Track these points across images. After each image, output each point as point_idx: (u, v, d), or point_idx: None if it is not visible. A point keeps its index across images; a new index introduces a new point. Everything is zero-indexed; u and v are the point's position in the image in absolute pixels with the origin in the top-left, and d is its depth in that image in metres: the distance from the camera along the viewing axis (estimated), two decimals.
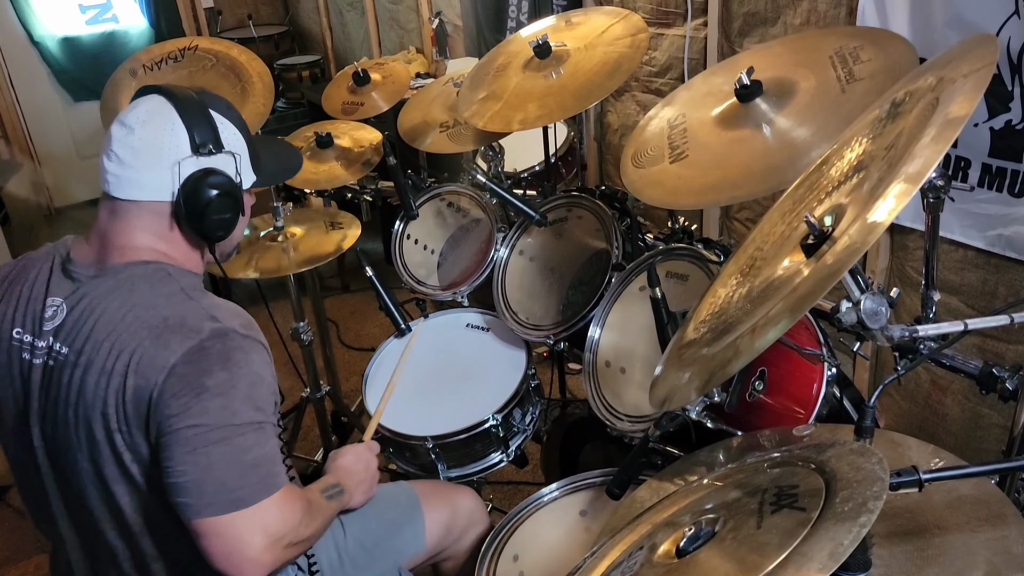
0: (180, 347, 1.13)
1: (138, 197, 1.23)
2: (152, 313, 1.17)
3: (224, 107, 1.30)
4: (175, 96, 1.25)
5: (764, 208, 2.30)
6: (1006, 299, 1.77)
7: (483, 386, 1.86)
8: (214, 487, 1.10)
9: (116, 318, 1.17)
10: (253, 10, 5.75)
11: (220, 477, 1.10)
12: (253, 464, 1.13)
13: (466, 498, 1.67)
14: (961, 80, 0.89)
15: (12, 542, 2.53)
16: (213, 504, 1.10)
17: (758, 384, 1.34)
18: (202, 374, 1.12)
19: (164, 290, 1.21)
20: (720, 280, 1.17)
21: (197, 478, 1.10)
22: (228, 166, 1.27)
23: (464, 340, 2.04)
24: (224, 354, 1.14)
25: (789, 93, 1.37)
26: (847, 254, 0.82)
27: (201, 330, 1.15)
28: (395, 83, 2.62)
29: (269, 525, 1.13)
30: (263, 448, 1.15)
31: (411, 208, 2.23)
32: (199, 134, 1.23)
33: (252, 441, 1.13)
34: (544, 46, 1.90)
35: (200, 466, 1.10)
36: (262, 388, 1.17)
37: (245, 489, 1.11)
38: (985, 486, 0.99)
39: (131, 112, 1.24)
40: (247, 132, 1.33)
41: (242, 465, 1.12)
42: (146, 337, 1.14)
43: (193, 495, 1.10)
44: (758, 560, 0.75)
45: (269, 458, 1.16)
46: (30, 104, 4.99)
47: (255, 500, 1.12)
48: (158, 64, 2.30)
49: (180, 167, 1.21)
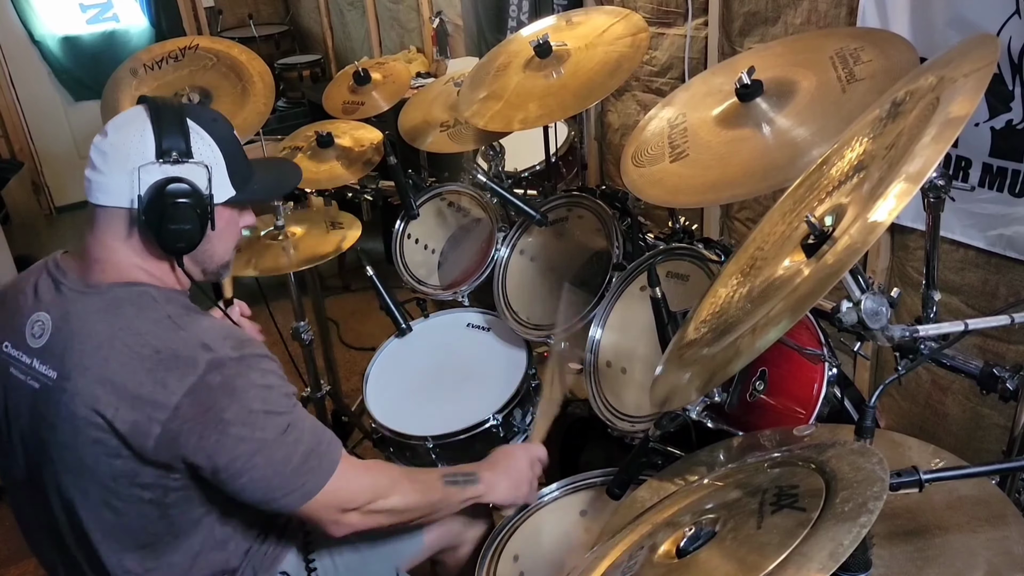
0: (179, 386, 1.14)
1: (105, 202, 1.22)
2: (140, 342, 1.16)
3: (208, 119, 1.27)
4: (155, 104, 1.23)
5: (764, 208, 2.30)
6: (1007, 299, 1.77)
7: (483, 386, 1.86)
8: (282, 492, 1.19)
9: (103, 344, 1.16)
10: (254, 9, 5.76)
11: (281, 484, 1.19)
12: (301, 462, 1.20)
13: None
14: (962, 80, 0.89)
15: (12, 542, 2.53)
16: (291, 500, 1.21)
17: (758, 384, 1.34)
18: (216, 411, 1.14)
19: (151, 315, 1.19)
20: (721, 280, 1.16)
21: (265, 492, 1.19)
22: (198, 177, 1.22)
23: (464, 340, 2.04)
24: (227, 385, 1.16)
25: (790, 93, 1.37)
26: (848, 254, 0.82)
27: (196, 363, 1.15)
28: (395, 83, 2.62)
29: (343, 501, 1.25)
30: (301, 441, 1.21)
31: (412, 208, 2.23)
32: (168, 141, 1.20)
33: (290, 442, 1.19)
34: (545, 46, 1.90)
35: (260, 484, 1.18)
36: (274, 394, 1.21)
37: (307, 484, 1.21)
38: (985, 486, 0.99)
39: (112, 119, 1.24)
40: (231, 146, 1.29)
41: (293, 469, 1.19)
42: (139, 370, 1.14)
43: (268, 503, 1.21)
44: (758, 560, 0.75)
45: (312, 445, 1.22)
46: (30, 103, 5.00)
47: (319, 487, 1.21)
48: (158, 63, 2.30)
49: (140, 172, 1.19)
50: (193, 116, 1.25)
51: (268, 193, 1.48)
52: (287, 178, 1.49)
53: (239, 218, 1.34)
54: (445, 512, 1.43)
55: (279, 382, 1.23)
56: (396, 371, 1.98)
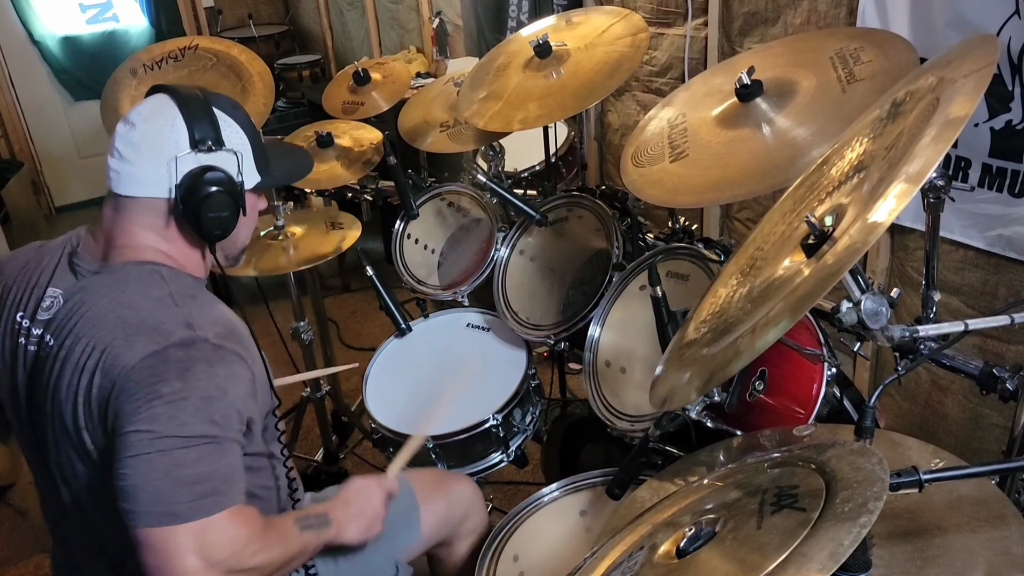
0: (143, 349, 1.11)
1: (137, 193, 1.22)
2: (132, 313, 1.16)
3: (229, 106, 1.29)
4: (179, 93, 1.25)
5: (765, 208, 2.30)
6: (1006, 299, 1.77)
7: (483, 386, 1.86)
8: (149, 497, 1.06)
9: (100, 315, 1.16)
10: (253, 9, 5.75)
11: (157, 487, 1.07)
12: (193, 480, 1.08)
13: (463, 486, 1.66)
14: (961, 80, 0.89)
15: (12, 542, 2.53)
16: (147, 514, 1.07)
17: (758, 384, 1.34)
18: (158, 380, 1.09)
19: (153, 292, 1.20)
20: (720, 280, 1.17)
21: (135, 484, 1.07)
22: (229, 164, 1.25)
23: (464, 340, 2.04)
24: (184, 363, 1.11)
25: (789, 93, 1.37)
26: (847, 254, 0.82)
27: (170, 335, 1.12)
28: (395, 83, 2.62)
29: (206, 546, 1.07)
30: (209, 465, 1.10)
31: (411, 208, 2.23)
32: (199, 130, 1.22)
33: (196, 456, 1.09)
34: (544, 46, 1.90)
35: (140, 473, 1.07)
36: (221, 402, 1.12)
37: (180, 504, 1.07)
38: (985, 487, 0.99)
39: (136, 109, 1.25)
40: (253, 132, 1.32)
41: (180, 479, 1.07)
42: (118, 336, 1.13)
43: (131, 501, 1.07)
44: (758, 560, 0.75)
45: (216, 475, 1.10)
46: (30, 103, 4.99)
47: (191, 517, 1.07)
48: (158, 63, 2.30)
49: (177, 163, 1.20)
50: (216, 103, 1.27)
51: (288, 177, 1.52)
52: (302, 162, 1.51)
53: (258, 203, 1.37)
54: (300, 562, 1.27)
55: (240, 395, 1.16)
56: (396, 371, 1.98)
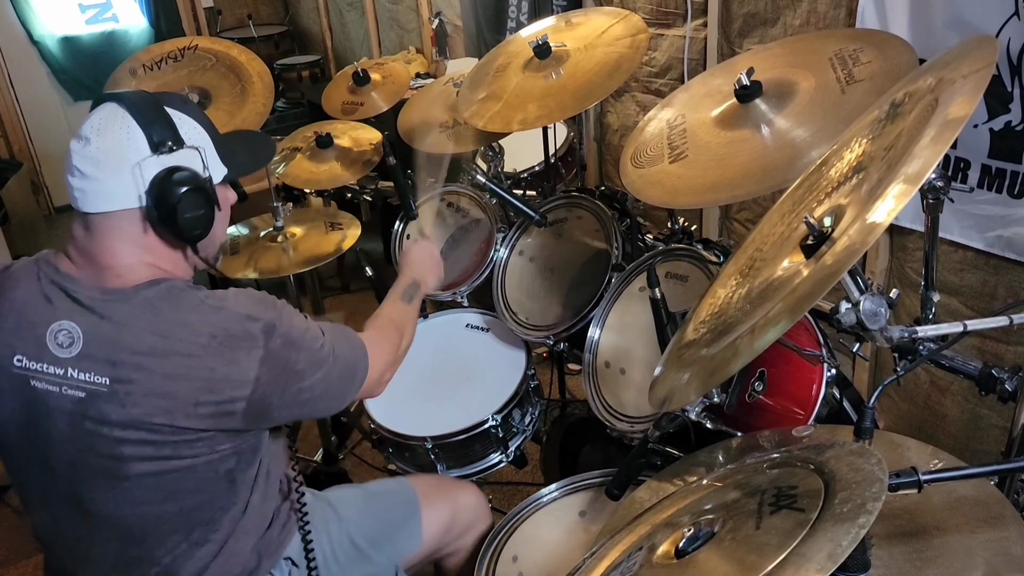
0: (250, 360, 1.20)
1: (107, 208, 1.18)
2: (193, 332, 1.18)
3: (179, 102, 1.26)
4: (126, 99, 1.21)
5: (764, 209, 2.30)
6: (1005, 300, 1.77)
7: (483, 386, 1.86)
8: (352, 387, 1.36)
9: (156, 342, 1.15)
10: (253, 10, 5.76)
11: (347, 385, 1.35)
12: (353, 360, 1.36)
13: (468, 495, 1.66)
14: (960, 81, 0.89)
15: (11, 542, 2.53)
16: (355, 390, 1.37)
17: (757, 385, 1.34)
18: (290, 366, 1.24)
19: (188, 305, 1.20)
20: (720, 281, 1.17)
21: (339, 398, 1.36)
22: (193, 161, 1.22)
23: (464, 340, 2.04)
24: (287, 342, 1.24)
25: (789, 94, 1.37)
26: (846, 255, 0.82)
27: (254, 336, 1.21)
28: (395, 83, 2.62)
29: (382, 369, 1.44)
30: (342, 344, 1.34)
31: (411, 208, 2.23)
32: (156, 133, 1.18)
33: (341, 353, 1.33)
34: (544, 46, 1.90)
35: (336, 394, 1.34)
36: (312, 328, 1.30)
37: (359, 372, 1.37)
38: (984, 487, 0.99)
39: (86, 124, 1.20)
40: (210, 125, 1.29)
41: (351, 369, 1.35)
42: (204, 357, 1.17)
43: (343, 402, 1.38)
44: (757, 561, 0.75)
45: (346, 342, 1.36)
46: (30, 104, 4.99)
47: (367, 372, 1.38)
48: (158, 64, 2.30)
49: (141, 168, 1.17)
50: (168, 104, 1.24)
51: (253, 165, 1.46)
52: (264, 146, 1.48)
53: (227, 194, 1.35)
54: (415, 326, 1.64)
55: (301, 315, 1.33)
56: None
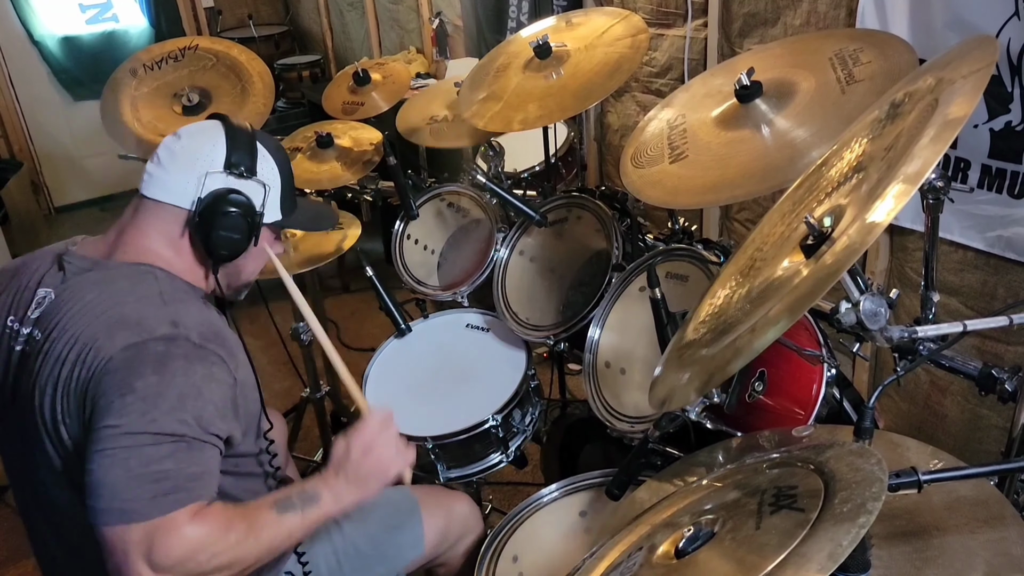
0: (123, 341, 1.11)
1: (162, 198, 1.27)
2: (115, 309, 1.16)
3: (273, 146, 1.36)
4: (231, 123, 1.32)
5: (764, 209, 2.30)
6: (1005, 300, 1.77)
7: (483, 386, 1.86)
8: (109, 492, 1.05)
9: (86, 309, 1.17)
10: (253, 10, 5.75)
11: (115, 483, 1.05)
12: (156, 478, 1.06)
13: (461, 504, 1.67)
14: (960, 81, 0.89)
15: (11, 542, 2.53)
16: (106, 511, 1.05)
17: (757, 385, 1.34)
18: (133, 374, 1.09)
19: (141, 290, 1.21)
20: (720, 281, 1.17)
21: (98, 479, 1.05)
22: (255, 194, 1.31)
23: (464, 340, 2.04)
24: (162, 358, 1.10)
25: (789, 94, 1.37)
26: (846, 254, 0.82)
27: (152, 330, 1.12)
28: (395, 83, 2.63)
29: (156, 548, 1.04)
30: (177, 463, 1.08)
31: (411, 208, 2.23)
32: (237, 156, 1.29)
33: (163, 453, 1.07)
34: (544, 46, 1.90)
35: (103, 467, 1.05)
36: (196, 402, 1.11)
37: (136, 501, 1.05)
38: (984, 487, 0.99)
39: (188, 126, 1.32)
40: (288, 174, 1.38)
41: (142, 476, 1.05)
42: (100, 329, 1.14)
43: (93, 497, 1.05)
44: (757, 561, 0.75)
45: (183, 474, 1.08)
46: (30, 104, 4.99)
47: (147, 516, 1.04)
48: (158, 64, 2.31)
49: (207, 178, 1.26)
50: (261, 140, 1.35)
51: (307, 225, 1.60)
52: (325, 219, 1.61)
53: (273, 243, 1.42)
54: (291, 546, 1.23)
55: (216, 398, 1.14)
56: (395, 372, 1.98)
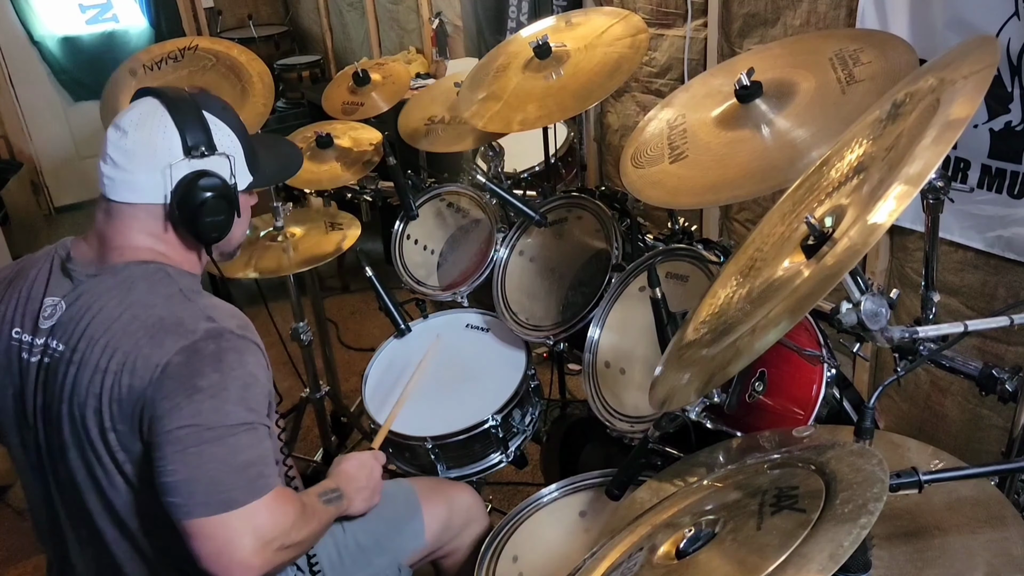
0: (174, 346, 1.13)
1: (132, 200, 1.23)
2: (149, 312, 1.17)
3: (219, 108, 1.30)
4: (168, 98, 1.25)
5: (764, 209, 2.30)
6: (1006, 300, 1.77)
7: (483, 387, 1.86)
8: (205, 487, 1.09)
9: (113, 316, 1.17)
10: (253, 10, 5.76)
11: (212, 477, 1.10)
12: (245, 465, 1.12)
13: (463, 494, 1.67)
14: (961, 81, 0.89)
15: (11, 542, 2.53)
16: (204, 504, 1.09)
17: (758, 385, 1.34)
18: (194, 375, 1.12)
19: (163, 290, 1.21)
20: (720, 281, 1.16)
21: (188, 477, 1.09)
22: (222, 168, 1.27)
23: (464, 341, 2.04)
24: (217, 355, 1.14)
25: (789, 94, 1.37)
26: (847, 255, 0.82)
27: (196, 330, 1.15)
28: (395, 83, 2.62)
29: (260, 527, 1.12)
30: (255, 449, 1.14)
31: (411, 208, 2.23)
32: (191, 136, 1.23)
33: (244, 442, 1.13)
34: (544, 47, 1.90)
35: (191, 466, 1.10)
36: (256, 389, 1.17)
37: (236, 490, 1.11)
38: (985, 488, 0.99)
39: (125, 115, 1.25)
40: (243, 132, 1.33)
41: (234, 466, 1.11)
42: (142, 336, 1.15)
43: (184, 495, 1.09)
44: (758, 561, 0.75)
45: (261, 459, 1.15)
46: (30, 104, 4.99)
47: (246, 501, 1.11)
48: (158, 64, 2.30)
49: (172, 170, 1.22)
50: (206, 107, 1.28)
51: (280, 175, 1.55)
52: (292, 157, 1.53)
53: (249, 198, 1.39)
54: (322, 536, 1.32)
55: (265, 382, 1.20)
56: (395, 372, 1.98)
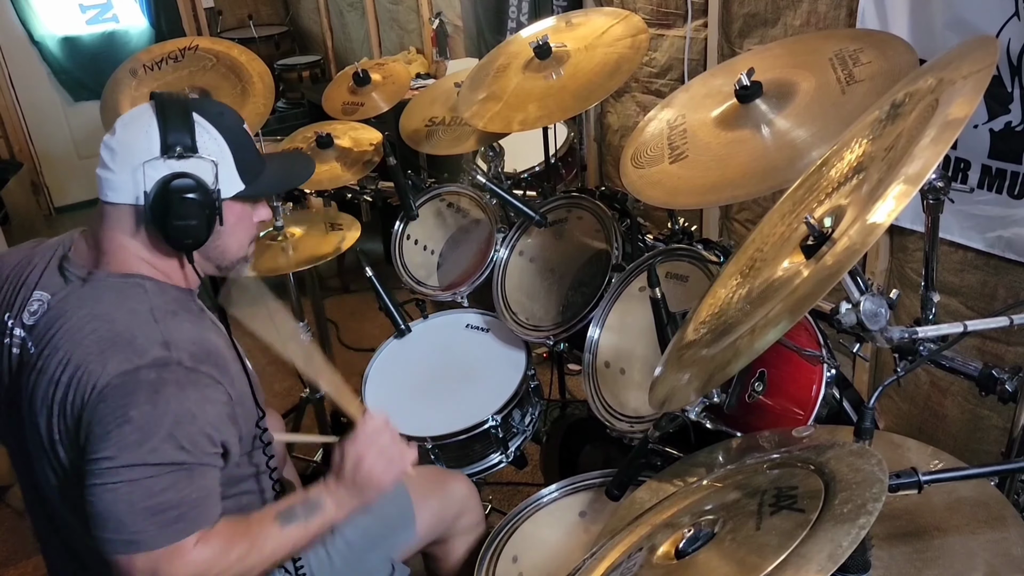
0: (116, 367, 1.10)
1: (114, 199, 1.21)
2: (108, 327, 1.14)
3: (215, 113, 1.25)
4: (161, 99, 1.23)
5: (764, 209, 2.30)
6: (1006, 301, 1.77)
7: (483, 387, 1.86)
8: (114, 525, 1.07)
9: (77, 327, 1.15)
10: (253, 10, 5.76)
11: (120, 516, 1.07)
12: (159, 508, 1.08)
13: (457, 484, 1.65)
14: (961, 81, 0.89)
15: (11, 542, 2.53)
16: (113, 541, 1.08)
17: (757, 385, 1.34)
18: (128, 403, 1.08)
19: (131, 305, 1.18)
20: (720, 281, 1.17)
21: (101, 512, 1.08)
22: (204, 172, 1.20)
23: (464, 341, 2.04)
24: (155, 386, 1.10)
25: (789, 94, 1.37)
26: (847, 255, 0.82)
27: (144, 354, 1.11)
28: (395, 83, 2.62)
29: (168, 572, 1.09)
30: (179, 492, 1.10)
31: (411, 208, 2.23)
32: (172, 137, 1.19)
33: (166, 484, 1.09)
34: (544, 47, 1.90)
35: (105, 501, 1.07)
36: (191, 427, 1.11)
37: (143, 533, 1.08)
38: (985, 488, 0.99)
39: (122, 116, 1.24)
40: (240, 140, 1.27)
41: (145, 508, 1.08)
42: (92, 350, 1.12)
43: (98, 528, 1.08)
44: (757, 561, 0.75)
45: (186, 502, 1.10)
46: (30, 104, 4.99)
47: (154, 545, 1.08)
48: (158, 64, 2.31)
49: (146, 168, 1.18)
50: (199, 110, 1.24)
51: (279, 186, 1.45)
52: (299, 170, 1.46)
53: (252, 212, 1.33)
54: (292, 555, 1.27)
55: (211, 420, 1.14)
56: (395, 372, 1.98)
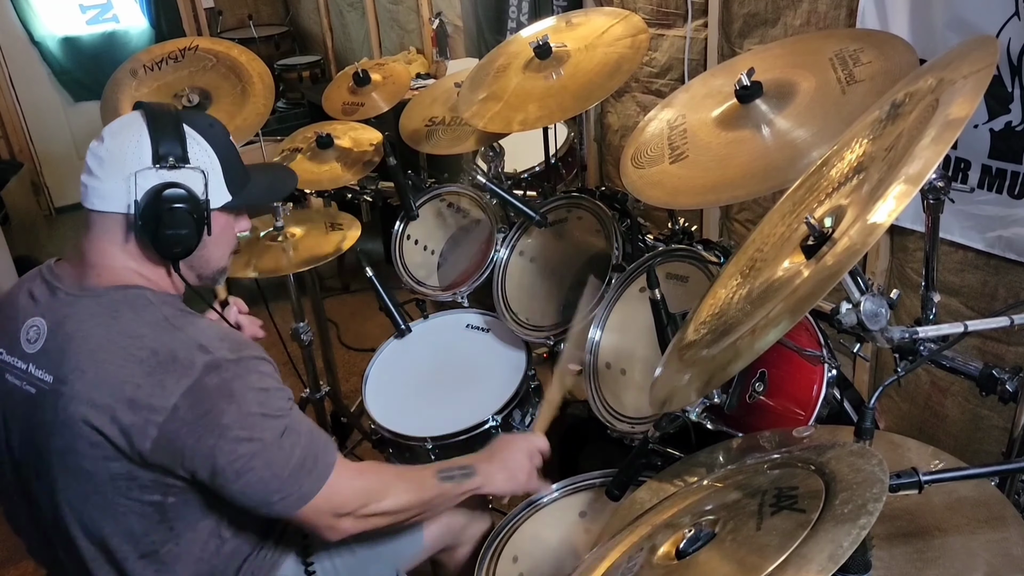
0: (177, 387, 1.14)
1: (101, 208, 1.21)
2: (137, 344, 1.16)
3: (204, 124, 1.27)
4: (151, 109, 1.24)
5: (764, 209, 2.30)
6: (1006, 300, 1.77)
7: (483, 387, 1.86)
8: (279, 496, 1.20)
9: (100, 347, 1.16)
10: (253, 10, 5.76)
11: (278, 488, 1.19)
12: (298, 465, 1.20)
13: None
14: (961, 81, 0.89)
15: (11, 542, 2.53)
16: (287, 504, 1.21)
17: (758, 385, 1.34)
18: (214, 414, 1.15)
19: (147, 317, 1.19)
20: (720, 281, 1.16)
21: (263, 495, 1.20)
22: (194, 182, 1.22)
23: (464, 341, 2.04)
24: (223, 388, 1.16)
25: (789, 94, 1.37)
26: (847, 255, 0.82)
27: (193, 365, 1.15)
28: (395, 83, 2.63)
29: (338, 506, 1.25)
30: (298, 444, 1.21)
31: (411, 209, 2.23)
32: (164, 147, 1.20)
33: (287, 446, 1.20)
34: (544, 47, 1.90)
35: (257, 487, 1.19)
36: (271, 397, 1.21)
37: (303, 487, 1.21)
38: (985, 488, 0.99)
39: (109, 125, 1.24)
40: (227, 151, 1.29)
41: (290, 472, 1.20)
42: (137, 372, 1.14)
43: (265, 506, 1.21)
44: (758, 562, 0.75)
45: (309, 447, 1.22)
46: (30, 104, 5.00)
47: (315, 491, 1.22)
48: (158, 64, 2.31)
49: (136, 178, 1.19)
50: (189, 121, 1.25)
51: (264, 197, 1.48)
52: (282, 182, 1.48)
53: (235, 223, 1.35)
54: (443, 508, 1.44)
55: (276, 385, 1.23)
56: (395, 372, 1.98)
